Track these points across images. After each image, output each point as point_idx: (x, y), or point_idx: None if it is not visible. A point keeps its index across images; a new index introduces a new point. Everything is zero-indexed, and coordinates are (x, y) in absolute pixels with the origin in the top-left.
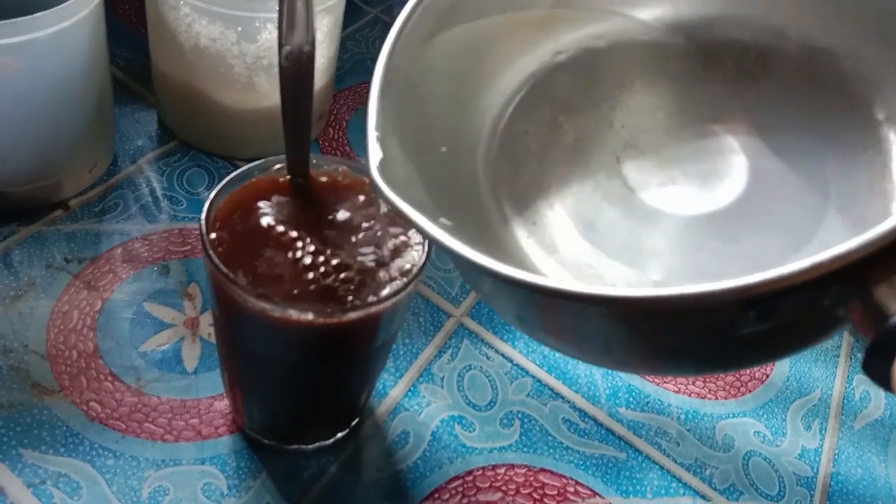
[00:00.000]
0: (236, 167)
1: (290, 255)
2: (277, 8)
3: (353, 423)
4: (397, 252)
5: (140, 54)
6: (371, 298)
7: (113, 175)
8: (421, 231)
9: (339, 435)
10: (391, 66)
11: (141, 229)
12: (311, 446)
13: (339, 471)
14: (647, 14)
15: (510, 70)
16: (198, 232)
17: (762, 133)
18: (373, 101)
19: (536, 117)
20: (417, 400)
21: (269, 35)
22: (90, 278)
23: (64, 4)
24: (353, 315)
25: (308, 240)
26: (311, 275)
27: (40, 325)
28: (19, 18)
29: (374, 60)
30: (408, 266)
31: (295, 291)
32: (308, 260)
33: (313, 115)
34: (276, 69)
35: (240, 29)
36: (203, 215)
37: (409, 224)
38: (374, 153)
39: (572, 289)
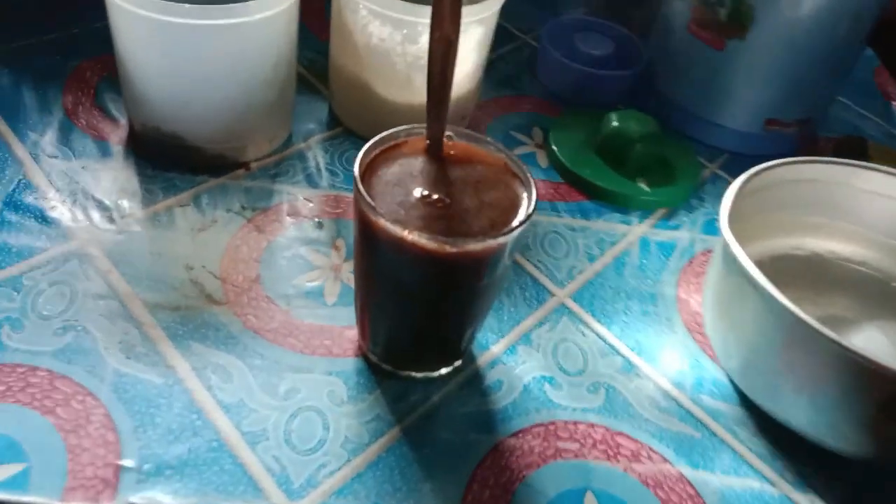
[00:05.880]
0: None
1: (421, 197)
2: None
3: (457, 363)
4: (509, 208)
5: (320, 56)
6: (481, 237)
7: (287, 147)
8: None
9: (444, 371)
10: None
11: (304, 192)
12: (419, 375)
13: (440, 400)
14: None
15: (762, 241)
16: (350, 199)
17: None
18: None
19: None
20: (515, 358)
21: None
22: (260, 223)
23: None
24: (466, 246)
25: (437, 188)
26: (436, 214)
27: (217, 252)
28: (235, 4)
29: (519, 79)
30: (515, 219)
31: (421, 224)
32: (435, 202)
33: (458, 113)
34: None
35: (405, 31)
36: (358, 160)
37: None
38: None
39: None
